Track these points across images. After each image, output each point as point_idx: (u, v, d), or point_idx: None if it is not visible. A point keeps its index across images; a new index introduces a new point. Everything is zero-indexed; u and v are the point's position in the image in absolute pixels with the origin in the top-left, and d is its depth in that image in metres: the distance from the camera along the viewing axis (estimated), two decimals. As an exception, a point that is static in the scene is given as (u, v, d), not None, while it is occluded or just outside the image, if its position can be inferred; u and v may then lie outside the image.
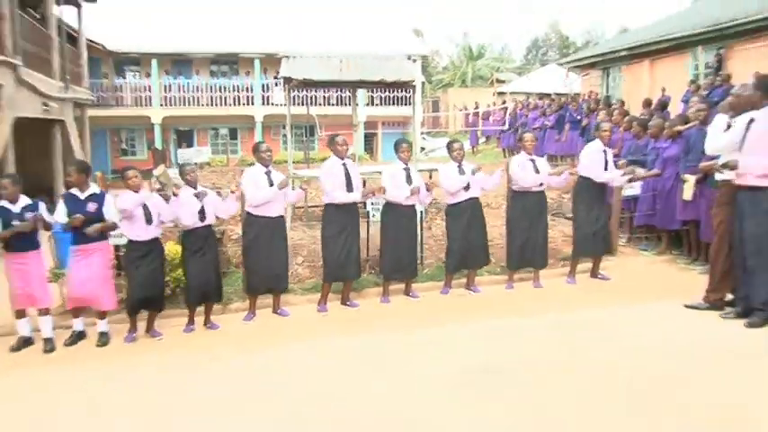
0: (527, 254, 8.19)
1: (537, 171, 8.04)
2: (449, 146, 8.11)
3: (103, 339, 6.82)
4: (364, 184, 8.15)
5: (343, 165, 7.47)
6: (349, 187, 7.43)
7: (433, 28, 68.18)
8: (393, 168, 7.78)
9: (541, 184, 8.10)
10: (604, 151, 8.20)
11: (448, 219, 8.11)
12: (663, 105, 13.29)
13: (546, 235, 8.33)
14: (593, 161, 8.17)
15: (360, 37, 26.56)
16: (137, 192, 6.75)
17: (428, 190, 7.88)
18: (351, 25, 28.66)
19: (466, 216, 7.89)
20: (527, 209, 8.10)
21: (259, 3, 29.51)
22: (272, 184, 7.21)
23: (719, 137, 6.35)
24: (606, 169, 8.18)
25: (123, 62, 27.24)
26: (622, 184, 8.83)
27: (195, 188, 7.03)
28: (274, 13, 29.23)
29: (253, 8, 29.15)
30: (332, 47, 19.47)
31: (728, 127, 6.36)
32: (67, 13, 19.37)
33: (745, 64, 13.86)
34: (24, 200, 6.71)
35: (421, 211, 8.83)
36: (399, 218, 7.73)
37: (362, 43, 24.39)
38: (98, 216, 6.70)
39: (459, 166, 7.89)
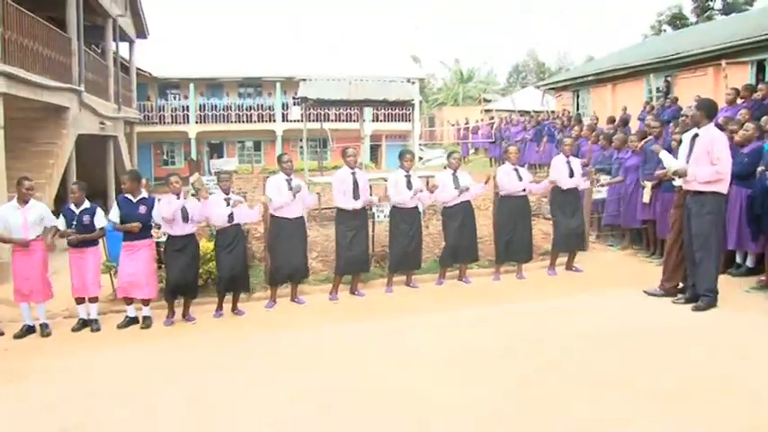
0: (512, 250, 8.16)
1: (520, 179, 8.06)
2: (448, 156, 8.24)
3: (147, 323, 6.85)
4: (371, 191, 8.13)
5: (353, 173, 7.48)
6: (355, 194, 7.43)
7: (429, 54, 67.42)
8: (396, 176, 7.78)
9: (524, 190, 8.12)
10: (568, 162, 8.25)
11: (444, 219, 8.11)
12: (624, 122, 13.23)
13: (529, 233, 8.29)
14: (559, 171, 8.26)
15: (366, 62, 26.53)
16: (177, 193, 6.79)
17: (431, 192, 7.89)
18: (358, 53, 28.68)
19: (459, 217, 7.89)
20: (512, 211, 8.09)
21: (279, 34, 29.61)
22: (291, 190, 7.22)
23: (680, 159, 6.38)
24: (572, 176, 8.22)
25: (165, 86, 27.27)
26: (587, 187, 8.83)
27: (227, 194, 7.03)
28: (292, 42, 29.31)
29: (274, 39, 29.23)
30: (342, 71, 19.42)
31: (680, 143, 6.38)
32: (122, 48, 19.97)
33: (688, 89, 14.18)
34: (86, 204, 6.80)
35: (420, 212, 8.82)
36: (404, 219, 7.71)
37: (368, 68, 24.35)
38: (147, 217, 6.79)
39: (455, 173, 7.91)
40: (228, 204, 6.94)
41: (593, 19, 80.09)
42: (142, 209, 6.78)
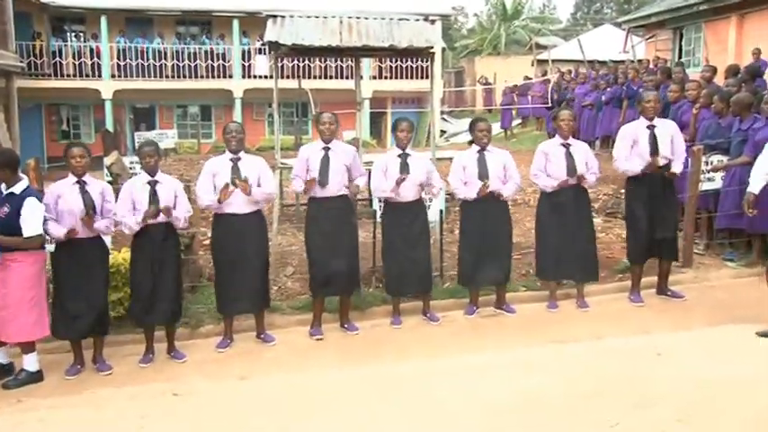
0: (564, 263, 8.08)
1: (571, 160, 7.89)
2: (472, 125, 8.12)
3: (29, 377, 6.59)
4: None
5: (324, 149, 7.51)
6: (323, 177, 7.39)
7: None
8: (387, 157, 7.82)
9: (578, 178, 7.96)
10: (651, 127, 7.96)
11: (461, 216, 8.14)
12: (755, 73, 12.82)
13: (588, 239, 8.19)
14: (625, 145, 8.03)
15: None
16: (80, 176, 6.69)
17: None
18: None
19: (482, 214, 7.84)
20: (559, 205, 8.01)
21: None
22: (238, 174, 7.15)
23: None
24: (656, 153, 7.89)
25: (63, 19, 27.35)
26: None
27: (153, 176, 6.95)
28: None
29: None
30: (330, 5, 19.48)
31: None
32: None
33: None
34: None
35: (441, 210, 8.79)
36: (401, 218, 7.71)
37: (368, 0, 24.40)
38: (8, 222, 6.41)
39: (481, 152, 7.84)
40: (155, 193, 6.88)
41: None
42: (4, 209, 6.44)
